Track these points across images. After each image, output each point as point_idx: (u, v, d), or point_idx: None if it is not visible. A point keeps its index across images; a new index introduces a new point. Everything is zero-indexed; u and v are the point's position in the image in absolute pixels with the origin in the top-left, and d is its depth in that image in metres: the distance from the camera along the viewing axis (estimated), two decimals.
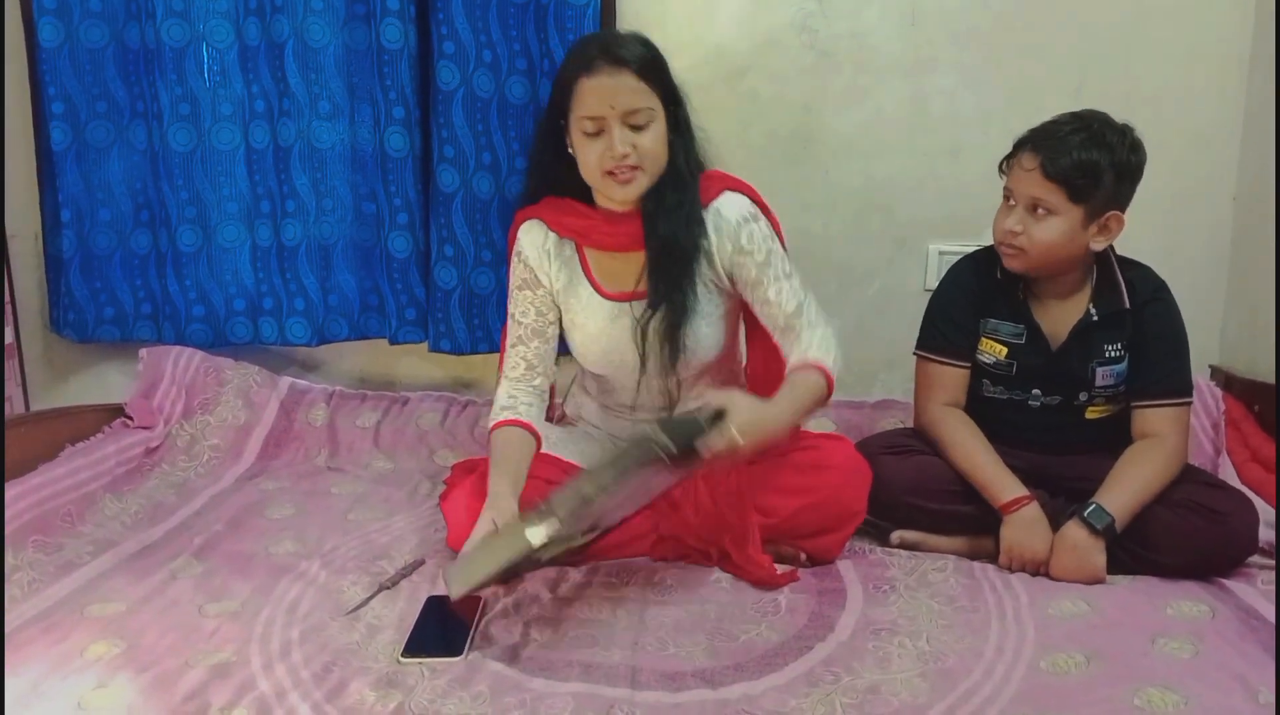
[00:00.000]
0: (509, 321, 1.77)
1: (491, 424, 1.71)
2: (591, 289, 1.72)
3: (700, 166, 1.68)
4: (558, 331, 1.78)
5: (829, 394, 1.59)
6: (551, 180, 1.71)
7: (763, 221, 1.67)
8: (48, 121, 2.16)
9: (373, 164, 2.22)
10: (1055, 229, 1.66)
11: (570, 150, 1.63)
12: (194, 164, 2.23)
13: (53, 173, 2.19)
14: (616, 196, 1.62)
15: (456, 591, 1.39)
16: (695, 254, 1.64)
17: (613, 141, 1.55)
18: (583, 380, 1.90)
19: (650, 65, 1.58)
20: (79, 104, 2.17)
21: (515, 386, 1.74)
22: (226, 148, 2.23)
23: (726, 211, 1.66)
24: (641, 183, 1.60)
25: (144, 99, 2.21)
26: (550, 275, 1.74)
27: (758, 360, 1.79)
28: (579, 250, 1.73)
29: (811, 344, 1.62)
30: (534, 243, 1.73)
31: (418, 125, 2.18)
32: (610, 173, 1.58)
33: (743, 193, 1.69)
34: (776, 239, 1.68)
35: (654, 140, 1.58)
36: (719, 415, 1.41)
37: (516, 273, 1.75)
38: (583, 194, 1.70)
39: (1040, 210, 1.66)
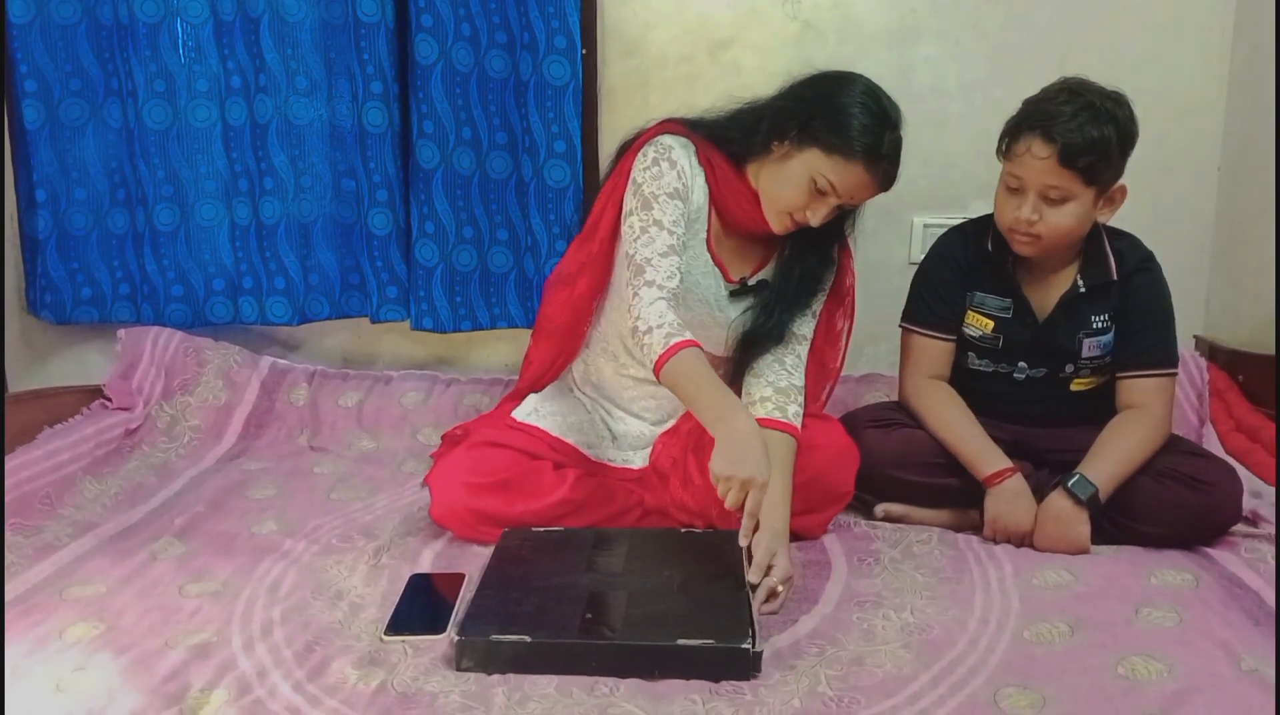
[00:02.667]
0: (653, 228, 1.57)
1: (668, 346, 1.46)
2: (704, 238, 1.68)
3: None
4: None
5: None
6: (728, 139, 1.66)
7: (834, 274, 1.74)
8: (20, 100, 2.13)
9: (351, 140, 2.19)
10: (1072, 213, 1.63)
11: (774, 146, 1.59)
12: (170, 142, 2.20)
13: (27, 152, 2.16)
14: (774, 230, 1.63)
15: None
16: (818, 294, 1.71)
17: (817, 214, 1.57)
18: (608, 342, 1.79)
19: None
20: (52, 82, 2.14)
21: (669, 307, 1.53)
22: (203, 125, 2.20)
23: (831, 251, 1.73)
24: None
25: (118, 76, 2.17)
26: (692, 197, 1.65)
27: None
28: (710, 199, 1.68)
29: (794, 387, 1.65)
30: (687, 159, 1.64)
31: (396, 100, 2.16)
32: (794, 220, 1.59)
33: (846, 246, 1.75)
34: (828, 288, 1.74)
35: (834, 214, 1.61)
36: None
37: (667, 179, 1.59)
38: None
39: (1054, 197, 1.62)
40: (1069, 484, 1.62)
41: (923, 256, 1.90)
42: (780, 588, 1.41)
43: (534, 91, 2.16)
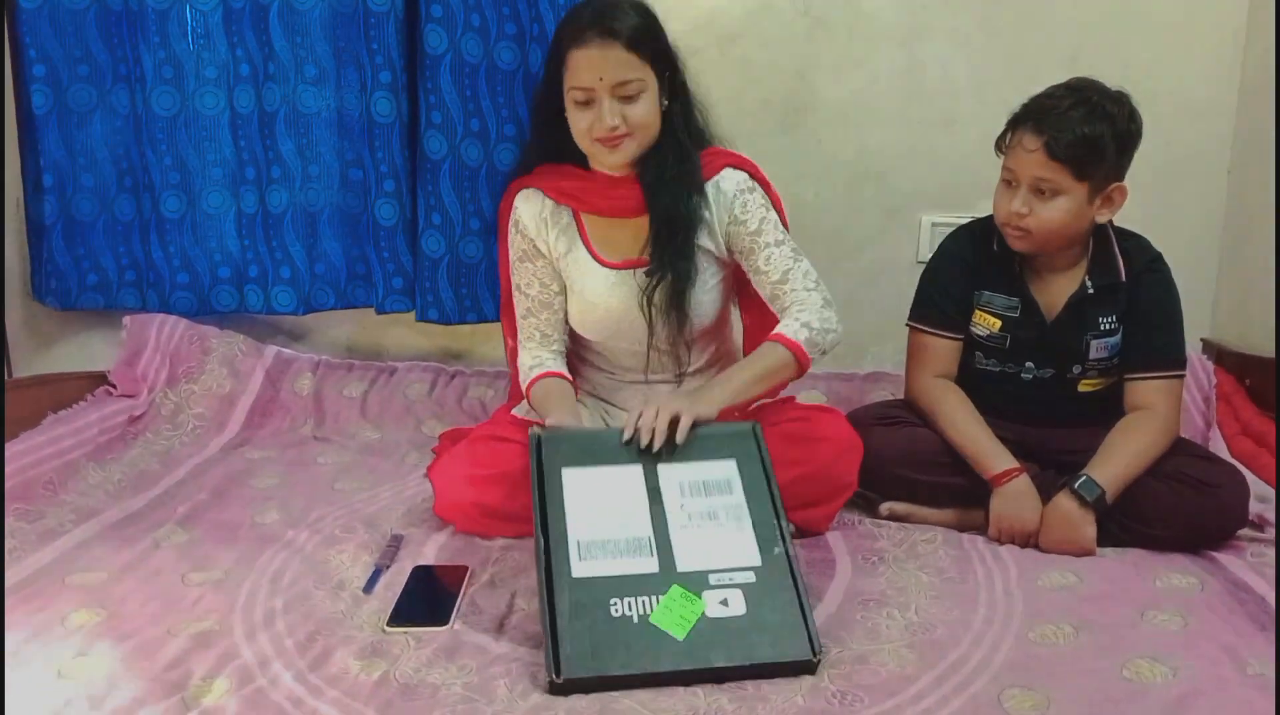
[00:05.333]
0: (515, 293, 1.78)
1: (526, 383, 1.72)
2: (589, 256, 1.72)
3: (701, 134, 1.71)
4: (564, 299, 1.77)
5: (799, 369, 1.62)
6: (549, 145, 1.71)
7: (758, 192, 1.70)
8: (28, 85, 2.12)
9: (359, 130, 2.19)
10: (1062, 208, 1.63)
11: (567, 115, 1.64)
12: (178, 128, 2.19)
13: (34, 137, 2.15)
14: (607, 162, 1.65)
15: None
16: (696, 223, 1.66)
17: (602, 113, 1.58)
18: (578, 348, 1.87)
19: (642, 35, 1.58)
20: (60, 67, 2.13)
21: (537, 350, 1.76)
22: (211, 112, 2.19)
23: (725, 185, 1.69)
24: (630, 149, 1.62)
25: (126, 62, 2.17)
26: (549, 243, 1.73)
27: (754, 325, 1.83)
28: (576, 217, 1.73)
29: (795, 319, 1.63)
30: (531, 211, 1.73)
31: (405, 90, 2.15)
32: (599, 139, 1.60)
33: (742, 168, 1.71)
34: (771, 208, 1.71)
35: (645, 111, 1.60)
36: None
37: (515, 245, 1.76)
38: (580, 159, 1.71)
39: (1045, 190, 1.63)
40: (1075, 485, 1.61)
41: (930, 255, 1.90)
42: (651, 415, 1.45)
43: None
